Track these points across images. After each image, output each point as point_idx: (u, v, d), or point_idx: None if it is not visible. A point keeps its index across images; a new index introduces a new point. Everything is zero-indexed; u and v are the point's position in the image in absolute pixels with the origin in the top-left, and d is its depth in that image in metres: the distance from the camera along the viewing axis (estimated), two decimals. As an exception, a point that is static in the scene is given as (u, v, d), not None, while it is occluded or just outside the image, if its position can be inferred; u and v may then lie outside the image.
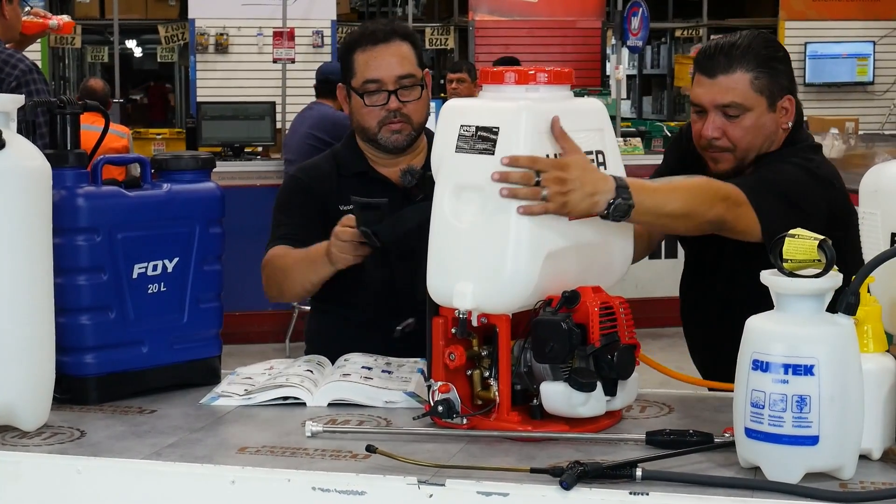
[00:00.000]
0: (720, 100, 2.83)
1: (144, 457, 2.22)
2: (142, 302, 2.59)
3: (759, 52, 2.85)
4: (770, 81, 2.85)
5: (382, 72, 3.09)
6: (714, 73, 2.84)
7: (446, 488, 2.04)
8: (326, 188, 3.16)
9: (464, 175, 2.33)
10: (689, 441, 2.18)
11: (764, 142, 2.87)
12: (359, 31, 3.20)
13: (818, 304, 2.01)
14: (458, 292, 2.30)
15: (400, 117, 3.09)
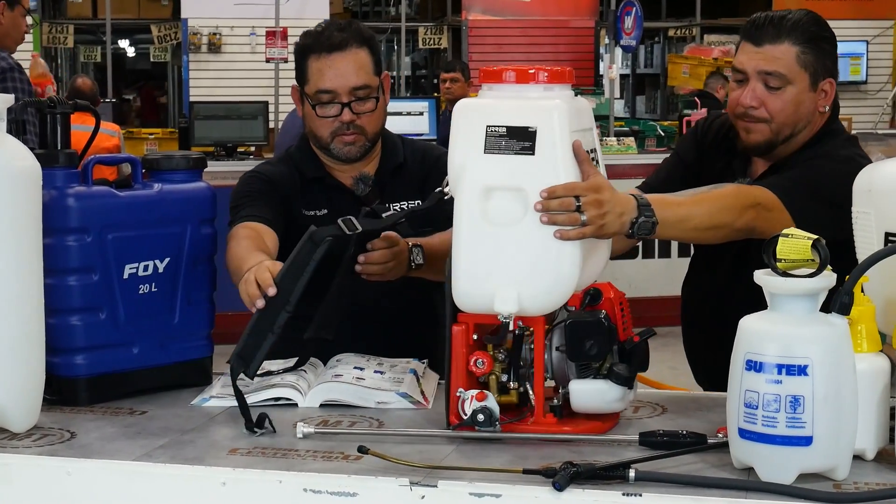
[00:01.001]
0: (764, 67, 2.79)
1: (135, 458, 2.20)
2: (132, 302, 2.57)
3: (809, 28, 2.82)
4: (815, 59, 2.82)
5: (336, 82, 2.97)
6: (761, 41, 2.80)
7: (439, 489, 2.03)
8: (290, 190, 3.07)
9: (497, 176, 2.27)
10: (683, 442, 2.18)
11: (800, 120, 2.83)
12: (314, 34, 3.04)
13: (812, 304, 2.00)
14: (501, 297, 2.25)
15: (354, 129, 2.99)
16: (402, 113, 9.78)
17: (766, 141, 2.83)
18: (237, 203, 3.02)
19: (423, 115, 9.91)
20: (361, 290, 2.90)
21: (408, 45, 15.50)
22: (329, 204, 3.05)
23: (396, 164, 3.11)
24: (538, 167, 2.26)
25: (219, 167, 8.69)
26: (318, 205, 3.05)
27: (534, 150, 2.26)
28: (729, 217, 2.57)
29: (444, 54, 14.84)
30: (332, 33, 3.01)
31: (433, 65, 16.74)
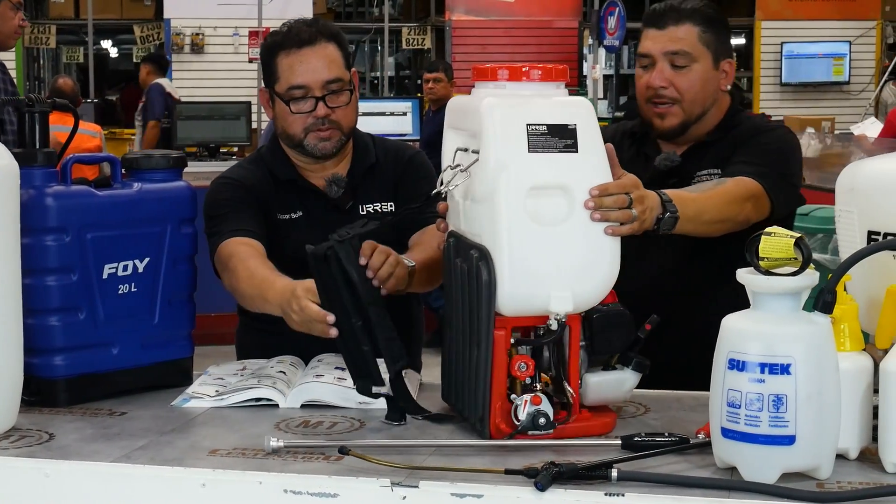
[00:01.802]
0: (670, 47, 2.94)
1: (114, 459, 2.19)
2: (112, 303, 2.55)
3: (707, 11, 2.99)
4: (715, 38, 2.97)
5: (308, 77, 2.93)
6: (664, 24, 2.96)
7: (420, 490, 2.02)
8: (265, 192, 3.01)
9: (544, 175, 2.24)
10: (665, 443, 2.17)
11: (707, 98, 2.96)
12: (281, 33, 3.01)
13: (794, 303, 2.00)
14: (557, 297, 2.22)
15: (329, 124, 2.95)
16: (385, 113, 9.77)
17: (681, 123, 2.96)
18: (216, 213, 2.95)
19: (407, 116, 9.90)
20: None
21: (391, 45, 15.51)
22: (303, 207, 3.02)
23: (369, 165, 3.07)
24: (582, 164, 2.26)
25: (201, 167, 8.68)
26: (292, 208, 3.02)
27: (577, 147, 2.26)
28: (734, 210, 2.71)
29: (428, 55, 14.85)
30: (299, 29, 2.98)
31: (416, 65, 16.74)
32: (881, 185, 2.25)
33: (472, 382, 2.29)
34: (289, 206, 3.02)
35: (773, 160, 2.86)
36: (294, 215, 3.01)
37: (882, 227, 2.23)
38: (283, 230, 3.00)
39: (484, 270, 2.22)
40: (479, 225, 2.29)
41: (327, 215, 2.98)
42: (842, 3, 14.43)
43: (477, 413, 2.27)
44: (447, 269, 2.43)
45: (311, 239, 2.88)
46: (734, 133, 2.98)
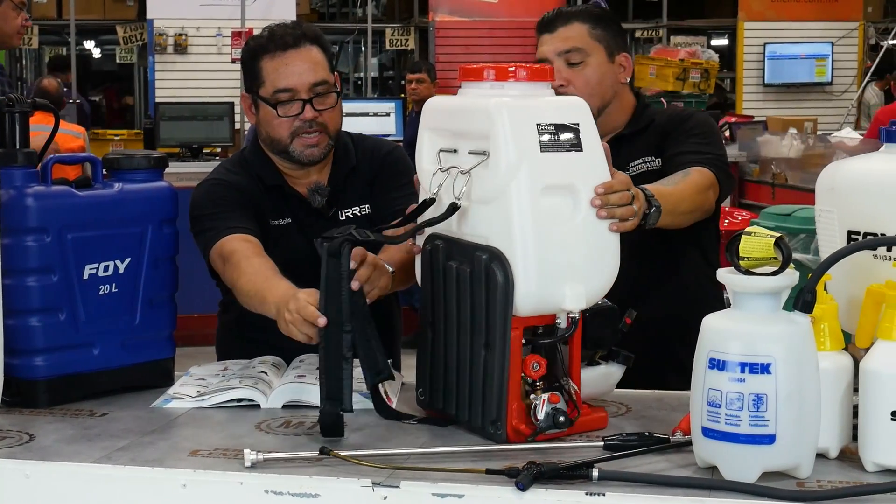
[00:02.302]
0: (562, 46, 3.02)
1: (94, 460, 2.18)
2: (93, 303, 2.55)
3: (594, 11, 3.10)
4: (606, 34, 3.05)
5: (294, 79, 2.90)
6: (552, 27, 3.05)
7: (401, 490, 2.02)
8: (256, 197, 2.97)
9: (556, 175, 2.25)
10: (648, 443, 2.17)
11: (606, 92, 3.04)
12: (264, 36, 2.98)
13: (775, 303, 2.00)
14: (571, 294, 2.24)
15: (316, 127, 2.92)
16: (368, 114, 9.77)
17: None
18: (209, 212, 2.90)
19: (390, 116, 9.90)
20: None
21: (375, 46, 15.48)
22: (291, 213, 3.00)
23: (349, 169, 3.05)
24: (586, 163, 2.29)
25: (184, 168, 8.66)
26: (281, 214, 2.99)
27: (581, 146, 2.28)
28: (702, 199, 2.82)
29: (412, 55, 14.84)
30: (283, 32, 2.95)
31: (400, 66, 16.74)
32: (861, 185, 2.25)
33: (482, 386, 2.27)
34: (279, 211, 3.00)
35: (711, 144, 2.99)
36: (283, 221, 2.99)
37: (862, 226, 2.23)
38: (275, 236, 2.97)
39: (498, 272, 2.21)
40: (486, 227, 2.27)
41: (314, 222, 2.97)
42: (824, 5, 14.46)
43: (489, 416, 2.25)
44: (431, 274, 2.38)
45: (301, 246, 2.89)
46: (658, 123, 3.08)
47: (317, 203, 2.96)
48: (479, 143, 2.27)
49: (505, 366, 2.22)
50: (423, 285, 2.42)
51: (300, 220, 3.00)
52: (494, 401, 2.24)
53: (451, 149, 2.35)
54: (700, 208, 2.83)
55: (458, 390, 2.32)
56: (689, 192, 2.77)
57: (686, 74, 12.08)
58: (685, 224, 2.81)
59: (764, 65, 14.32)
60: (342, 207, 3.01)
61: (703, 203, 2.84)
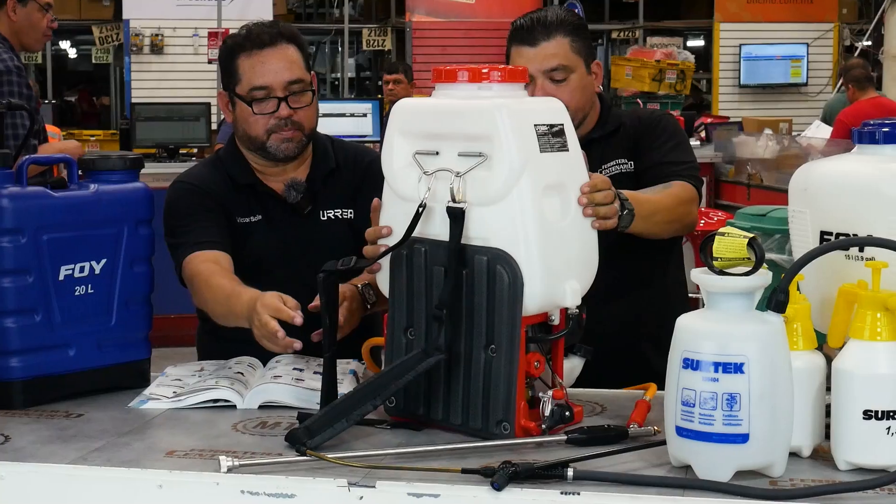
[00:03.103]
0: (547, 64, 2.98)
1: (70, 461, 2.18)
2: (69, 304, 2.55)
3: (571, 20, 3.04)
4: (583, 45, 3.03)
5: (270, 77, 2.94)
6: (535, 41, 2.98)
7: (377, 490, 2.02)
8: (224, 196, 3.01)
9: (552, 175, 2.28)
10: (609, 436, 2.21)
11: (587, 103, 3.05)
12: (241, 34, 3.01)
13: (748, 302, 2.02)
14: (570, 290, 2.28)
15: (291, 125, 2.96)
16: (345, 114, 9.75)
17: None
18: (178, 224, 2.95)
19: (367, 117, 9.89)
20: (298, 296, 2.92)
21: (351, 46, 15.49)
22: (262, 210, 3.02)
23: (328, 170, 3.08)
24: (573, 162, 2.34)
25: (160, 169, 8.64)
26: (252, 211, 3.02)
27: (567, 146, 2.31)
28: (683, 211, 2.86)
29: (388, 56, 14.84)
30: (260, 31, 2.98)
31: (377, 66, 16.73)
32: (833, 186, 2.27)
33: (483, 387, 2.26)
34: (249, 209, 3.02)
35: (686, 151, 3.05)
36: (254, 219, 3.01)
37: (834, 227, 2.25)
38: (243, 233, 3.00)
39: (505, 273, 2.22)
40: (485, 228, 2.26)
41: (287, 219, 3.00)
42: (799, 6, 14.52)
43: (495, 417, 2.25)
44: (408, 280, 2.35)
45: (270, 242, 2.94)
46: (627, 126, 3.10)
47: (292, 198, 2.98)
48: (472, 144, 2.26)
49: (514, 365, 2.23)
50: (397, 292, 2.37)
51: (272, 218, 3.02)
52: (501, 401, 2.24)
53: (430, 151, 2.32)
54: (680, 220, 2.88)
55: (450, 394, 2.31)
56: (669, 202, 2.80)
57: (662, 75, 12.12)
58: (665, 234, 2.85)
59: (740, 66, 14.38)
60: (323, 208, 3.03)
61: (684, 216, 2.89)
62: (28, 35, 4.64)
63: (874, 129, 2.25)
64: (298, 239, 3.01)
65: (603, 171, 2.97)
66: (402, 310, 2.36)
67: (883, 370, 2.02)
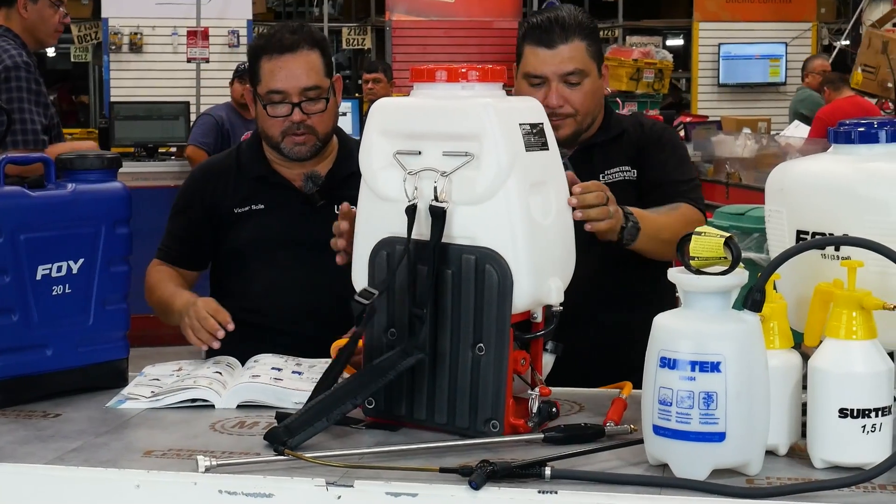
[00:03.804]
0: (564, 68, 2.97)
1: (48, 462, 2.17)
2: (46, 304, 2.54)
3: (584, 22, 3.03)
4: (597, 49, 3.04)
5: (287, 83, 3.05)
6: (554, 43, 2.97)
7: (355, 489, 2.02)
8: (222, 189, 3.16)
9: (536, 173, 2.30)
10: (585, 435, 2.22)
11: (597, 106, 3.05)
12: (267, 36, 3.15)
13: (725, 301, 2.02)
14: (555, 287, 2.30)
15: (304, 129, 3.06)
16: (324, 113, 9.72)
17: (574, 133, 3.02)
18: (171, 218, 3.24)
19: (347, 116, 9.88)
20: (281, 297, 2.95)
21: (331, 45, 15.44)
22: (266, 199, 3.13)
23: (350, 171, 3.06)
24: (553, 161, 2.36)
25: (139, 168, 8.63)
26: (253, 201, 3.14)
27: (547, 144, 2.34)
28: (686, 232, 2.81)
29: (368, 55, 14.82)
30: (283, 35, 3.09)
31: (357, 65, 16.72)
32: (809, 186, 2.28)
33: (470, 385, 2.27)
34: (249, 199, 3.14)
35: (690, 170, 3.12)
36: (255, 207, 3.13)
37: (810, 226, 2.26)
38: (240, 222, 3.13)
39: (494, 271, 2.22)
40: (473, 227, 2.26)
41: (295, 207, 3.11)
42: (778, 6, 14.56)
43: (483, 415, 2.25)
44: (393, 277, 2.33)
45: (268, 228, 3.10)
46: (630, 134, 3.09)
47: (308, 189, 3.09)
48: (458, 143, 2.26)
49: (503, 364, 2.24)
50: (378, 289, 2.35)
51: (277, 205, 3.14)
52: (490, 399, 2.25)
53: (412, 151, 2.31)
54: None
55: (434, 393, 2.30)
56: (676, 224, 2.80)
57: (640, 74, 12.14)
58: (669, 256, 2.82)
59: (719, 65, 14.40)
60: (339, 203, 3.04)
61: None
62: (41, 31, 4.68)
63: (850, 128, 2.26)
64: (305, 227, 3.07)
65: (605, 178, 2.98)
66: (382, 310, 2.36)
67: (858, 369, 2.03)
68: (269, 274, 3.07)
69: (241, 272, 3.11)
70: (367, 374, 2.30)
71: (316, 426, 2.22)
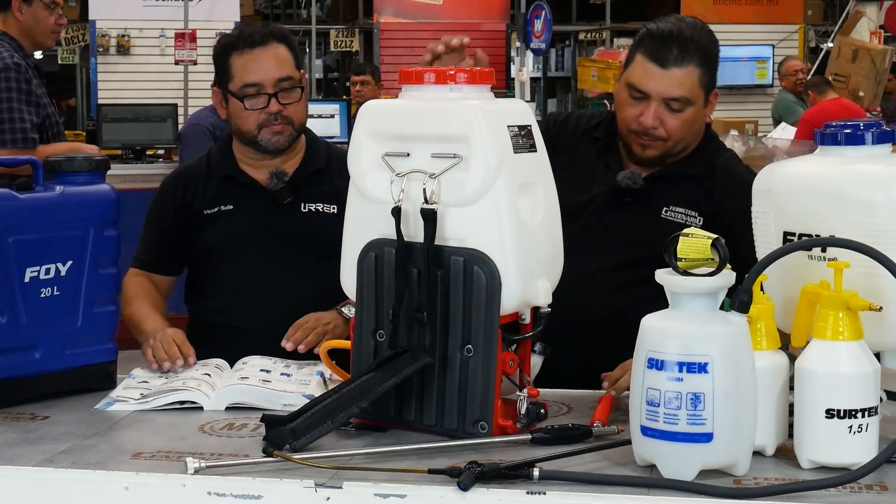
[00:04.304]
0: (670, 93, 2.82)
1: (36, 464, 2.17)
2: (34, 306, 2.54)
3: (706, 46, 2.85)
4: (710, 77, 2.88)
5: (261, 75, 3.09)
6: (666, 64, 2.81)
7: (343, 491, 2.02)
8: (192, 192, 3.19)
9: (524, 174, 2.30)
10: (573, 435, 2.23)
11: (693, 135, 2.91)
12: (234, 34, 3.19)
13: (712, 303, 2.03)
14: (543, 289, 2.30)
15: (281, 119, 3.10)
16: (313, 115, 9.68)
17: (661, 155, 2.91)
18: (146, 223, 3.27)
19: (335, 118, 9.88)
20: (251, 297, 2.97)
21: (319, 47, 15.45)
22: (235, 200, 3.15)
23: (316, 168, 3.19)
24: (541, 163, 2.35)
25: (127, 170, 8.61)
26: (221, 202, 3.16)
27: (535, 146, 2.33)
28: None
29: (356, 57, 14.81)
30: (251, 31, 3.14)
31: (345, 67, 16.71)
32: (796, 187, 2.29)
33: (459, 387, 2.27)
34: (218, 200, 3.16)
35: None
36: (224, 207, 3.15)
37: (797, 227, 2.27)
38: (209, 224, 3.15)
39: (483, 272, 2.23)
40: (461, 229, 2.26)
41: (263, 206, 3.13)
42: (765, 8, 14.59)
43: (472, 417, 2.26)
44: (381, 280, 2.33)
45: (236, 228, 3.12)
46: (718, 182, 2.90)
47: (273, 185, 3.11)
48: (446, 145, 2.26)
49: (492, 365, 2.24)
50: (365, 294, 2.36)
51: (246, 205, 3.15)
52: (479, 401, 2.25)
53: (401, 153, 2.31)
54: None
55: (423, 394, 2.31)
56: None
57: (628, 76, 12.14)
58: None
59: (706, 66, 14.44)
60: (306, 201, 3.15)
61: None
62: (36, 33, 4.73)
63: (836, 130, 2.27)
64: (272, 225, 3.11)
65: (665, 213, 2.88)
66: (370, 312, 2.36)
67: (845, 369, 2.04)
68: (239, 274, 3.10)
69: (212, 273, 3.15)
70: (374, 378, 2.29)
71: (322, 429, 2.22)
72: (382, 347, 2.34)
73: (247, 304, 3.07)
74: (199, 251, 3.17)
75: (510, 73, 13.73)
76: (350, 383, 2.31)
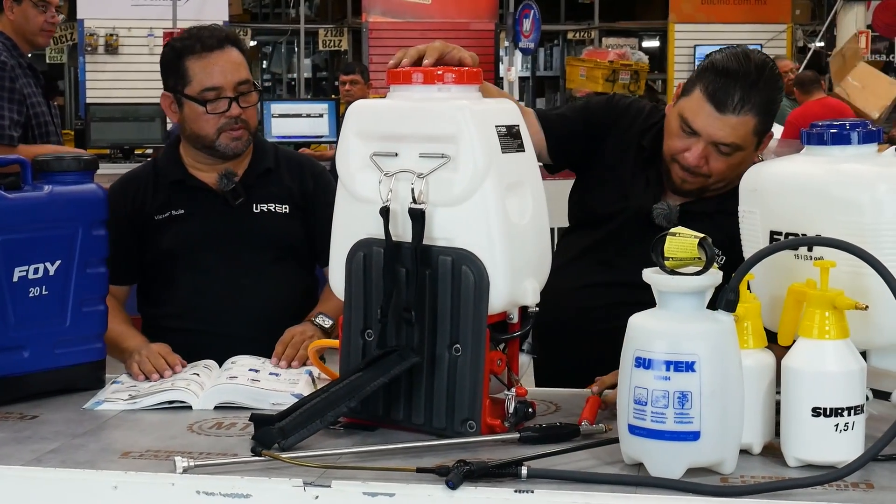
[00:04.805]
0: (722, 138, 2.72)
1: (25, 463, 2.17)
2: (23, 306, 2.54)
3: (769, 94, 2.74)
4: (767, 126, 2.78)
5: (222, 78, 3.07)
6: (725, 109, 2.70)
7: (332, 489, 2.03)
8: (141, 198, 3.15)
9: (512, 174, 2.30)
10: (561, 434, 2.23)
11: (736, 175, 2.62)
12: (188, 38, 3.14)
13: (699, 302, 2.04)
14: (531, 288, 2.30)
15: (240, 123, 3.09)
16: (301, 115, 9.73)
17: (699, 189, 2.84)
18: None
19: (323, 118, 9.87)
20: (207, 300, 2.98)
21: (308, 47, 15.47)
22: (186, 204, 3.13)
23: (265, 169, 3.19)
24: (528, 163, 2.35)
25: (115, 169, 8.59)
26: (172, 206, 3.13)
27: (524, 146, 2.33)
28: None
29: (345, 56, 14.83)
30: (205, 35, 3.11)
31: (333, 67, 16.72)
32: (783, 186, 2.30)
33: (447, 386, 2.27)
34: (169, 205, 3.13)
35: None
36: (175, 212, 3.12)
37: (783, 227, 2.28)
38: (160, 230, 3.12)
39: (470, 272, 2.23)
40: (450, 229, 2.26)
41: (215, 209, 3.12)
42: (753, 7, 14.64)
43: (460, 416, 2.26)
44: (369, 279, 2.33)
45: (188, 232, 3.09)
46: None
47: (223, 186, 3.10)
48: (434, 145, 2.26)
49: (480, 364, 2.24)
50: (354, 294, 2.36)
51: (197, 209, 3.13)
52: (467, 400, 2.26)
53: (389, 153, 2.31)
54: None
55: (412, 393, 2.31)
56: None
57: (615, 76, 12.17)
58: None
59: (695, 66, 14.45)
60: (257, 201, 3.14)
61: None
62: (27, 31, 4.76)
63: (822, 130, 2.28)
64: (226, 227, 3.11)
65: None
66: (359, 311, 2.36)
67: (831, 368, 2.05)
68: (194, 277, 3.08)
69: (167, 278, 3.12)
70: (362, 377, 2.30)
71: (310, 428, 2.22)
72: (371, 347, 2.34)
73: (204, 306, 3.06)
74: (153, 257, 3.13)
75: (499, 73, 13.75)
76: (338, 382, 2.31)
